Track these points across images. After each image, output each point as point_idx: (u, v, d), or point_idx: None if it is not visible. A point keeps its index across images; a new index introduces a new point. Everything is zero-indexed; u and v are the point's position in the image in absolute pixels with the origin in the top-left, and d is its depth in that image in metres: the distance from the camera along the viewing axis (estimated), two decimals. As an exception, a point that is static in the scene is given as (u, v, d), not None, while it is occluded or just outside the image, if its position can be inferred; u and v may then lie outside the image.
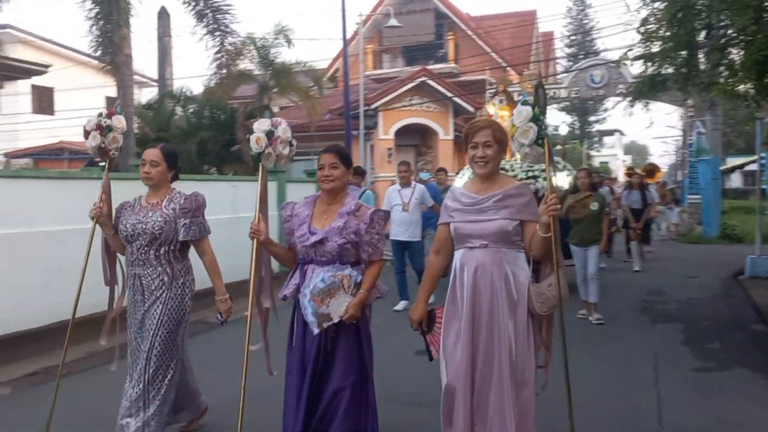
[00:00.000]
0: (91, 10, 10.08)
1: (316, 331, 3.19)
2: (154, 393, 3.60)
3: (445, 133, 21.19)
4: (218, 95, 13.31)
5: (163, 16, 15.91)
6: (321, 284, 3.17)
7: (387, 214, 3.35)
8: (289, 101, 18.62)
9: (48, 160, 22.98)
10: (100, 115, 3.92)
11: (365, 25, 25.93)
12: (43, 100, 25.41)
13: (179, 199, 3.75)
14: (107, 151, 3.93)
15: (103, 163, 4.15)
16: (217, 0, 11.61)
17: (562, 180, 8.55)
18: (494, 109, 9.04)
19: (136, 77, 24.04)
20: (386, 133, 20.49)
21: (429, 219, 8.55)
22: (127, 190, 4.36)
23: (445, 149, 21.14)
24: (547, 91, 3.09)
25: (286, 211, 3.41)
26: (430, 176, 12.10)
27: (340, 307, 3.16)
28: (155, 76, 18.62)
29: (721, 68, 7.71)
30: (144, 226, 3.66)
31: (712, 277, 10.99)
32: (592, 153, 47.75)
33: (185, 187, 3.98)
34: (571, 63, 29.05)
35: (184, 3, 11.63)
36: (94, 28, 10.08)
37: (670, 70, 8.15)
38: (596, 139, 50.18)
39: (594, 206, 7.46)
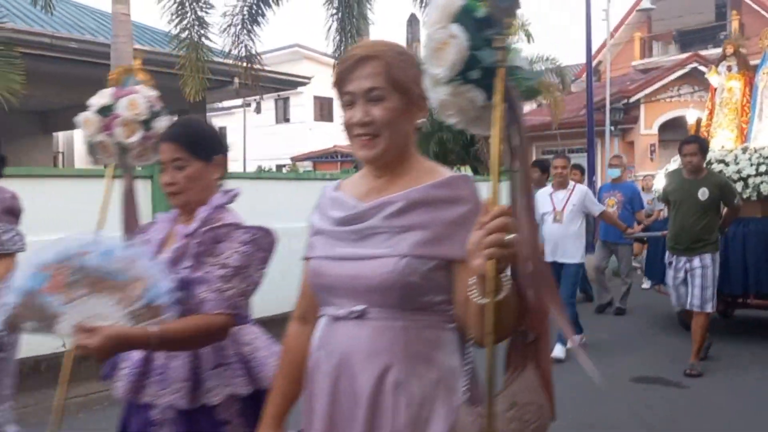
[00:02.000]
0: (329, 21, 10.86)
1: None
2: None
3: (722, 127, 18.79)
4: (455, 95, 13.46)
5: (412, 22, 16.55)
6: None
7: (264, 234, 1.86)
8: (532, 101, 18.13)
9: (324, 163, 25.93)
10: None
11: (632, 12, 24.32)
12: (324, 109, 28.86)
13: None
14: None
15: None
16: None
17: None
18: (719, 80, 7.16)
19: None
20: (649, 127, 18.94)
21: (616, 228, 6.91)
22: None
23: (721, 144, 18.76)
24: None
25: (145, 233, 2.03)
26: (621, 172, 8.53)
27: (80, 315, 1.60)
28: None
29: None
30: None
31: None
32: None
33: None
34: None
35: (413, 1, 11.90)
36: (333, 38, 10.84)
37: None
38: None
39: None
